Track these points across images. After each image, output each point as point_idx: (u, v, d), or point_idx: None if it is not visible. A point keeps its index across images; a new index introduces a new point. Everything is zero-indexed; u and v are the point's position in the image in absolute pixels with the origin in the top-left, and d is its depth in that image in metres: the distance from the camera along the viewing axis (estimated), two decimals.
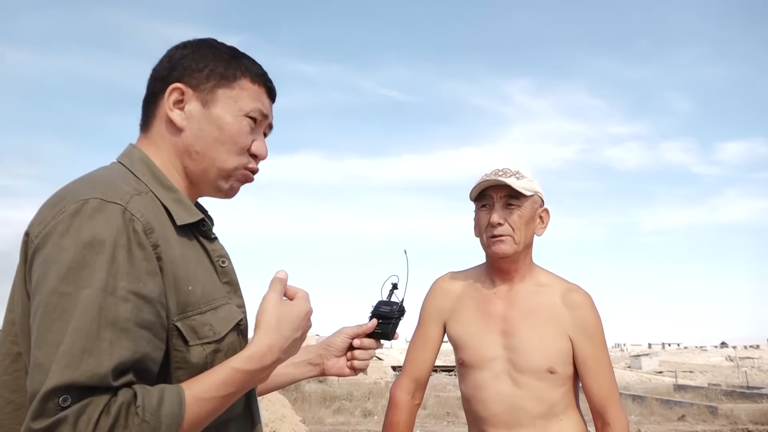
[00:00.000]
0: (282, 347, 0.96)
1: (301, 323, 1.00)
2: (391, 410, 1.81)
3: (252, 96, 1.08)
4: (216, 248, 1.05)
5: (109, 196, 0.88)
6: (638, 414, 13.63)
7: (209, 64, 1.05)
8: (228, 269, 1.05)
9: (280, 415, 5.31)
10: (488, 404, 1.71)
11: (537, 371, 1.67)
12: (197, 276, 0.97)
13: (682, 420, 12.81)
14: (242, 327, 1.04)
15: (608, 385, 1.70)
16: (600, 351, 1.70)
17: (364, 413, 13.80)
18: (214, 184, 1.08)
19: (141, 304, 0.85)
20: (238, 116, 1.06)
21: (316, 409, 13.90)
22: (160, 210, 0.97)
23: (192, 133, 1.04)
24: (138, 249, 0.87)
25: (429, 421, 12.61)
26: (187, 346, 0.92)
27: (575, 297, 1.72)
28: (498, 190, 1.72)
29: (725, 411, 13.29)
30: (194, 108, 1.04)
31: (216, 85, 1.05)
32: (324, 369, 1.34)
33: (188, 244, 0.99)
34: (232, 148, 1.06)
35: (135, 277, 0.85)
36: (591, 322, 1.70)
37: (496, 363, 1.71)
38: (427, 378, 1.86)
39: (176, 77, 1.04)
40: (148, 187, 0.98)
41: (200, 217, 1.02)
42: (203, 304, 0.96)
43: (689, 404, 14.87)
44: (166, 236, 0.94)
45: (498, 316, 1.74)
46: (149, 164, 1.02)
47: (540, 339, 1.68)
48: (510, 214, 1.70)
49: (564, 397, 1.70)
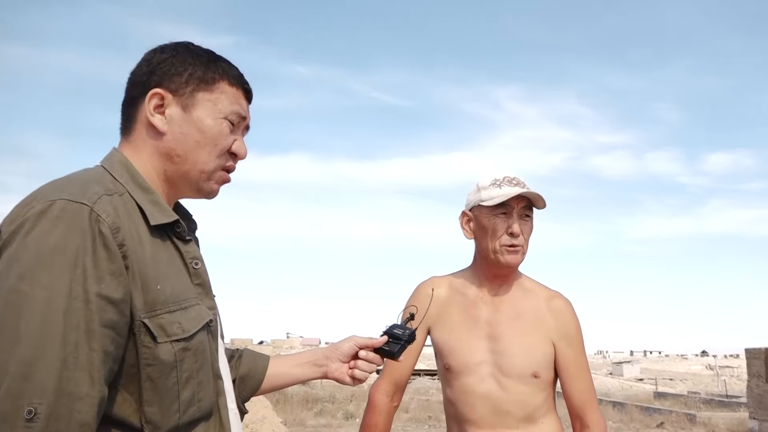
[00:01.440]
0: None
1: None
2: (369, 412, 1.82)
3: (230, 99, 1.10)
4: (190, 250, 1.06)
5: (76, 197, 0.90)
6: (618, 420, 13.73)
7: (188, 68, 1.07)
8: (200, 271, 1.07)
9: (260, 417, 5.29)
10: (475, 407, 1.72)
11: (522, 375, 1.69)
12: (168, 276, 0.98)
13: (661, 427, 12.92)
14: (212, 328, 1.05)
15: (587, 390, 1.75)
16: (580, 356, 1.75)
17: (346, 416, 13.76)
18: (196, 185, 1.10)
19: (104, 304, 0.87)
20: (217, 119, 1.08)
21: (297, 410, 13.85)
22: (134, 210, 0.99)
23: (173, 137, 1.06)
24: (102, 250, 0.88)
25: (411, 425, 12.61)
26: (156, 342, 0.94)
27: (558, 303, 1.76)
28: (520, 201, 1.72)
29: (703, 419, 13.42)
30: (175, 112, 1.06)
31: (195, 89, 1.07)
32: (327, 371, 1.34)
33: (161, 245, 1.01)
34: (212, 150, 1.08)
35: (98, 278, 0.87)
36: (573, 328, 1.75)
37: (482, 367, 1.72)
38: (407, 381, 1.87)
39: (156, 82, 1.05)
40: (125, 189, 1.00)
41: (174, 219, 1.03)
42: (172, 304, 0.97)
43: (668, 411, 15.00)
44: (138, 236, 0.96)
45: (484, 320, 1.76)
46: (128, 166, 1.04)
47: (526, 344, 1.71)
48: (524, 225, 1.73)
49: (545, 401, 1.73)
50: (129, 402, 0.93)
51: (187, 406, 0.98)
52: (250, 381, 1.32)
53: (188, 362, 0.98)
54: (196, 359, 0.99)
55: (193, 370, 0.98)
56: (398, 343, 1.34)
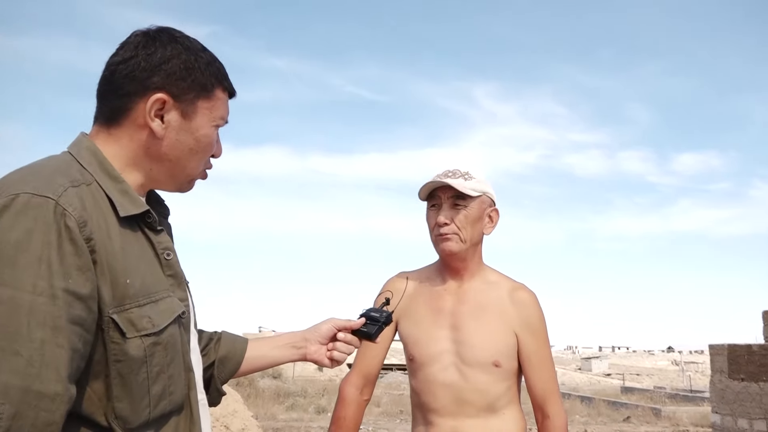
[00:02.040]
0: None
1: None
2: (339, 405, 1.84)
3: (224, 105, 1.10)
4: (162, 240, 1.04)
5: (40, 190, 0.87)
6: (585, 414, 13.96)
7: (191, 74, 1.04)
8: (172, 262, 1.05)
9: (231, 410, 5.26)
10: (437, 396, 1.75)
11: (483, 364, 1.72)
12: (138, 269, 0.96)
13: (628, 421, 13.18)
14: (184, 320, 1.04)
15: (549, 380, 1.78)
16: (543, 347, 1.77)
17: (317, 410, 13.76)
18: (178, 186, 1.11)
19: (72, 300, 0.84)
20: (211, 126, 1.08)
21: (269, 405, 13.81)
22: (103, 200, 0.96)
23: (168, 142, 1.04)
24: (69, 244, 0.86)
25: (382, 419, 12.66)
26: (125, 338, 0.91)
27: (522, 295, 1.79)
28: (445, 191, 1.77)
29: (668, 413, 13.74)
30: (173, 118, 1.03)
31: (196, 97, 1.05)
32: (306, 353, 1.34)
33: (131, 236, 0.98)
34: (203, 157, 1.09)
35: (65, 273, 0.84)
36: (536, 319, 1.77)
37: (444, 356, 1.75)
38: (376, 374, 1.89)
39: (158, 84, 1.01)
40: (93, 177, 0.97)
41: (145, 209, 1.01)
42: (142, 297, 0.95)
43: (635, 406, 15.32)
44: (107, 228, 0.93)
45: (447, 311, 1.79)
46: (96, 153, 1.00)
47: (487, 333, 1.74)
48: (456, 214, 1.75)
49: (507, 391, 1.75)
50: (94, 399, 0.91)
51: (158, 400, 0.96)
52: (229, 363, 1.31)
53: (159, 356, 0.96)
54: (166, 353, 0.97)
55: (164, 364, 0.97)
56: (376, 325, 1.36)
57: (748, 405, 6.75)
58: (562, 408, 1.77)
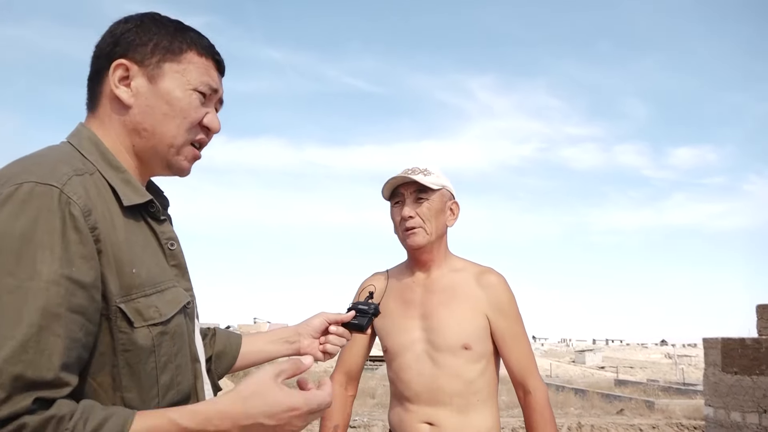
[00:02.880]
0: (239, 422, 0.87)
1: (278, 413, 0.88)
2: None
3: (200, 69, 1.05)
4: (165, 230, 1.03)
5: (44, 179, 0.86)
6: (579, 407, 14.04)
7: (153, 38, 1.02)
8: (176, 252, 1.04)
9: None
10: (411, 384, 1.81)
11: (452, 348, 1.77)
12: (143, 258, 0.95)
13: (621, 413, 13.25)
14: (189, 310, 1.03)
15: (526, 358, 1.82)
16: (515, 326, 1.82)
17: None
18: (165, 161, 1.06)
19: (74, 288, 0.83)
20: (186, 90, 1.03)
21: None
22: (106, 190, 0.95)
23: (140, 110, 1.01)
24: (73, 232, 0.85)
25: (377, 410, 12.70)
26: (132, 327, 0.91)
27: (489, 278, 1.84)
28: (407, 187, 1.84)
29: (661, 406, 13.81)
30: (141, 84, 1.01)
31: (162, 59, 1.02)
32: (300, 348, 1.35)
33: (135, 226, 0.97)
34: (182, 123, 1.03)
35: (68, 261, 0.83)
36: (505, 299, 1.82)
37: (416, 345, 1.82)
38: (359, 371, 1.99)
39: (120, 53, 1.00)
40: (95, 167, 0.96)
41: (148, 198, 1.00)
42: (148, 287, 0.94)
43: (628, 399, 15.40)
44: (111, 218, 0.92)
45: (417, 302, 1.86)
46: (97, 143, 1.00)
47: (455, 318, 1.79)
48: (419, 207, 1.82)
49: (480, 376, 1.79)
50: (101, 390, 0.89)
51: (167, 390, 0.96)
52: (225, 358, 1.32)
53: (166, 346, 0.95)
54: (174, 343, 0.97)
55: (171, 354, 0.96)
56: (366, 317, 1.40)
57: (741, 398, 6.79)
58: (541, 382, 1.81)
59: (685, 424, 11.98)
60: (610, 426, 11.51)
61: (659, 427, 11.67)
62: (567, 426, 11.02)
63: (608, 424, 11.56)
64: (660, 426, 11.72)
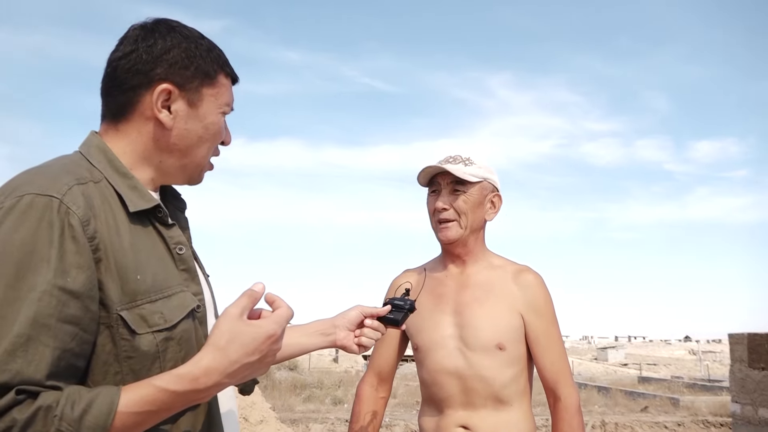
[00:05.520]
0: (226, 371, 0.88)
1: (259, 347, 0.90)
2: (356, 403, 1.89)
3: (228, 91, 1.09)
4: (173, 235, 1.04)
5: (45, 190, 0.88)
6: (603, 405, 13.91)
7: (194, 62, 1.03)
8: (185, 256, 1.04)
9: (250, 402, 5.30)
10: (444, 385, 1.74)
11: (486, 347, 1.70)
12: (149, 264, 0.96)
13: (645, 411, 13.11)
14: (199, 315, 1.03)
15: (559, 361, 1.74)
16: (551, 328, 1.74)
17: (334, 401, 13.84)
18: (189, 177, 1.10)
19: (67, 299, 0.84)
20: (218, 114, 1.07)
21: (286, 396, 13.90)
22: (113, 197, 0.96)
23: (177, 132, 1.03)
24: (71, 242, 0.86)
25: (399, 410, 12.70)
26: (134, 335, 0.91)
27: (526, 276, 1.76)
28: (444, 177, 1.76)
29: (686, 403, 13.65)
30: (180, 108, 1.03)
31: (201, 84, 1.04)
32: (336, 340, 1.36)
33: (142, 232, 0.98)
34: (212, 145, 1.09)
35: (63, 271, 0.84)
36: (541, 300, 1.74)
37: (448, 341, 1.74)
38: (391, 372, 1.91)
39: (161, 75, 1.01)
40: (102, 175, 0.98)
41: (154, 204, 1.00)
42: (154, 293, 0.95)
43: (652, 396, 15.24)
44: (116, 224, 0.94)
45: (450, 297, 1.78)
46: (105, 151, 1.01)
47: (491, 316, 1.71)
48: (456, 200, 1.74)
49: (515, 380, 1.72)
50: None
51: None
52: None
53: (172, 351, 0.96)
54: (180, 348, 0.97)
55: (178, 359, 0.96)
56: (401, 312, 1.39)
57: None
58: (574, 388, 1.74)
59: (711, 421, 11.81)
60: (635, 424, 11.38)
61: (685, 425, 11.52)
62: (591, 424, 10.92)
63: (633, 422, 11.44)
64: (686, 423, 11.57)
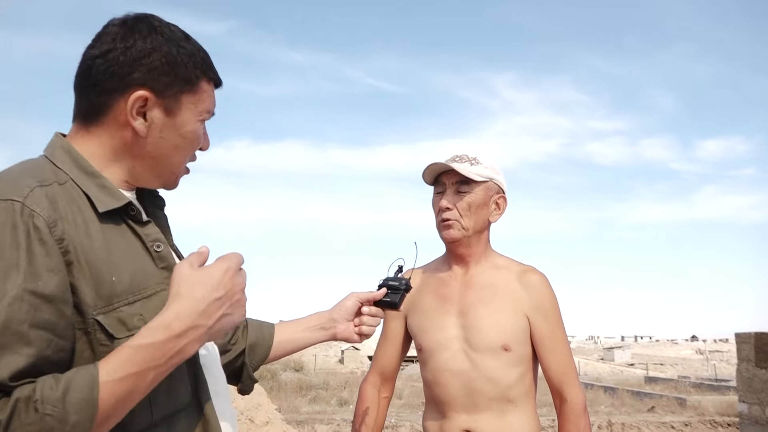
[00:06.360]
0: (196, 310, 0.85)
1: (220, 281, 0.88)
2: (359, 403, 1.87)
3: (210, 97, 1.04)
4: (150, 232, 0.99)
5: (4, 194, 0.84)
6: (609, 405, 13.86)
7: (175, 68, 0.97)
8: (164, 254, 0.99)
9: (255, 404, 5.30)
10: (448, 387, 1.72)
11: (491, 348, 1.68)
12: (125, 265, 0.92)
13: (652, 411, 13.06)
14: None
15: (565, 363, 1.72)
16: (556, 329, 1.72)
17: (340, 402, 13.84)
18: (162, 182, 1.06)
19: (39, 303, 0.80)
20: (197, 121, 1.02)
21: (291, 397, 13.91)
22: (80, 198, 0.92)
23: (152, 140, 0.99)
24: (38, 245, 0.82)
25: (404, 411, 12.68)
26: (113, 339, 0.87)
27: (531, 277, 1.74)
28: (450, 176, 1.74)
29: (693, 402, 13.59)
30: (156, 115, 0.98)
31: (180, 91, 0.99)
32: (336, 333, 1.34)
33: (115, 231, 0.94)
34: (188, 153, 1.05)
35: (33, 275, 0.80)
36: (547, 300, 1.72)
37: (452, 343, 1.73)
38: (394, 372, 1.90)
39: (139, 81, 0.95)
40: (68, 176, 0.93)
41: (125, 202, 0.96)
42: (132, 294, 0.91)
43: (659, 396, 15.19)
44: (85, 225, 0.90)
45: (454, 297, 1.77)
46: (70, 151, 0.96)
47: (496, 317, 1.70)
48: (460, 200, 1.73)
49: (520, 381, 1.71)
50: None
51: (159, 401, 0.92)
52: (260, 349, 1.30)
53: None
54: None
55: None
56: (398, 293, 1.36)
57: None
58: (580, 390, 1.72)
59: (718, 420, 11.75)
60: (642, 424, 11.34)
61: (692, 425, 11.47)
62: (597, 425, 10.89)
63: (639, 422, 11.39)
64: (693, 423, 11.52)
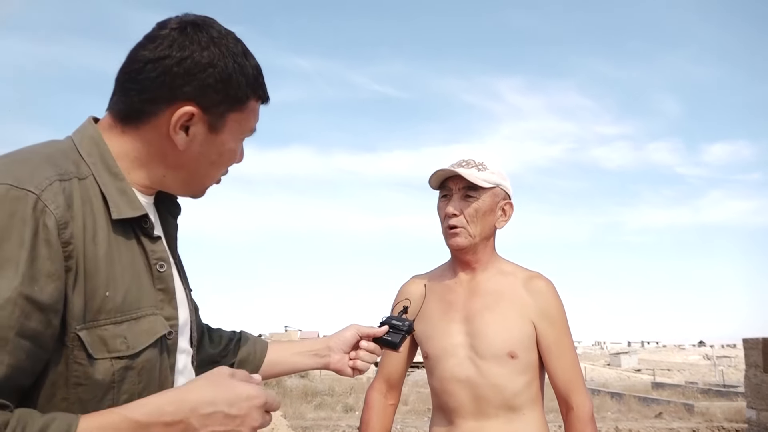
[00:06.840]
0: (196, 408, 0.78)
1: (238, 400, 0.80)
2: (365, 410, 1.86)
3: (255, 116, 1.01)
4: (156, 250, 0.94)
5: (22, 182, 0.78)
6: (616, 411, 13.77)
7: (227, 86, 0.93)
8: (165, 275, 0.94)
9: None
10: (454, 394, 1.71)
11: (498, 355, 1.67)
12: (123, 279, 0.87)
13: (659, 417, 12.97)
14: (169, 342, 0.93)
15: (572, 370, 1.71)
16: (563, 336, 1.71)
17: (345, 408, 13.80)
18: (192, 193, 1.04)
19: (30, 310, 0.75)
20: (238, 140, 1.00)
21: (297, 404, 13.87)
22: (96, 198, 0.87)
23: (190, 155, 0.95)
24: (44, 247, 0.77)
25: (410, 417, 12.64)
26: (92, 359, 0.82)
27: (538, 283, 1.73)
28: (456, 181, 1.73)
29: (701, 409, 13.48)
30: (199, 131, 0.94)
31: (228, 110, 0.95)
32: (329, 362, 1.31)
33: (122, 242, 0.89)
34: (223, 168, 1.03)
35: (31, 278, 0.76)
36: (553, 307, 1.71)
37: (458, 350, 1.72)
38: (400, 379, 1.89)
39: (189, 95, 0.91)
40: (90, 171, 0.89)
41: (141, 213, 0.92)
42: (121, 313, 0.85)
43: (666, 402, 15.08)
44: (94, 230, 0.84)
45: (460, 304, 1.75)
46: (99, 144, 0.92)
47: (501, 323, 1.69)
48: (467, 206, 1.71)
49: (527, 388, 1.70)
50: None
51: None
52: (248, 366, 1.27)
53: (129, 382, 0.85)
54: (140, 379, 0.87)
55: (134, 392, 0.86)
56: (399, 334, 1.35)
57: None
58: (587, 397, 1.71)
59: (726, 427, 11.66)
60: (649, 430, 11.26)
61: (700, 431, 11.40)
62: (604, 431, 10.82)
63: (646, 429, 11.32)
64: (700, 429, 11.43)
